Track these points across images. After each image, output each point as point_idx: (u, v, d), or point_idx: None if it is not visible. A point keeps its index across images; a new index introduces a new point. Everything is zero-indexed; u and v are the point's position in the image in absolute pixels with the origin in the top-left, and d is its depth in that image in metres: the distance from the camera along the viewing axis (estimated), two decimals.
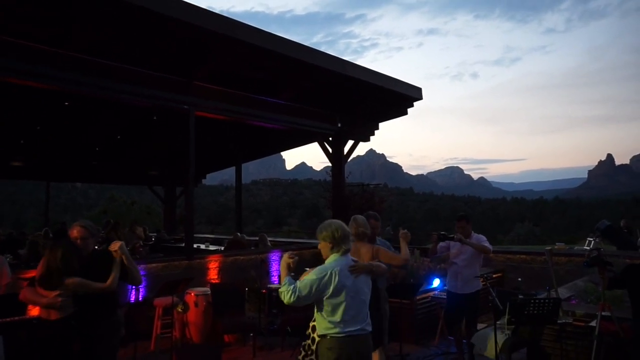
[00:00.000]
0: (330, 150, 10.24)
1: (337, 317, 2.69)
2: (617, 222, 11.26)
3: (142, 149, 12.76)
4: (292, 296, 2.65)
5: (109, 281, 3.13)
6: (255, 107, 8.39)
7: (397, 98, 9.72)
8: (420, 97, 10.10)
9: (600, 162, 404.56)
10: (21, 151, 12.13)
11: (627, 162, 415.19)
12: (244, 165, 13.24)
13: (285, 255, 2.81)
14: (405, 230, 4.09)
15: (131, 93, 6.77)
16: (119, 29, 5.99)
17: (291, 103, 9.00)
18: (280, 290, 2.73)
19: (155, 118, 10.03)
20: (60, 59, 6.05)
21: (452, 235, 4.63)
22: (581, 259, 6.89)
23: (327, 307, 2.71)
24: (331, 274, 2.70)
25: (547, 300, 3.94)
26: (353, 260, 2.88)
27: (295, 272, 2.86)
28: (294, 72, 8.00)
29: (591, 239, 11.49)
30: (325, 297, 2.69)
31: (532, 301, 3.94)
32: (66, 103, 8.69)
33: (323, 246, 2.87)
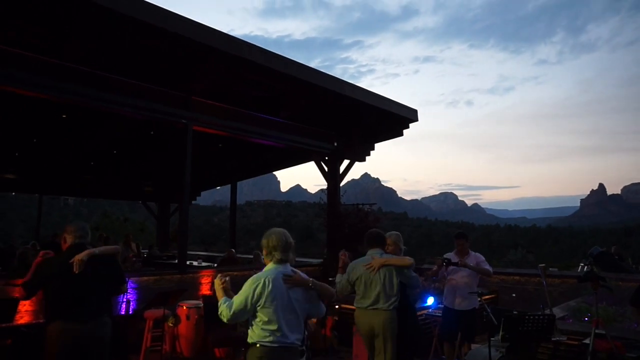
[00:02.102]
0: (326, 169, 10.30)
1: (273, 326, 2.63)
2: (609, 250, 11.41)
3: (137, 164, 12.74)
4: (229, 311, 2.62)
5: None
6: (253, 124, 8.46)
7: (393, 119, 9.86)
8: (416, 119, 10.25)
9: (592, 191, 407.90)
10: (15, 164, 12.08)
11: (619, 191, 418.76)
12: (238, 186, 13.24)
13: (217, 280, 2.82)
14: (342, 251, 4.06)
15: (130, 106, 6.82)
16: (119, 41, 6.08)
17: (289, 121, 9.09)
18: (219, 312, 2.69)
19: (152, 133, 10.07)
20: (59, 70, 6.09)
21: (455, 262, 4.69)
22: (574, 281, 6.92)
23: (262, 316, 2.64)
24: (264, 282, 2.66)
25: (542, 317, 3.93)
26: (292, 271, 2.81)
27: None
28: (293, 90, 8.13)
29: (583, 265, 11.53)
30: (259, 307, 2.64)
31: (527, 317, 3.93)
32: (64, 116, 8.71)
33: (264, 254, 2.87)
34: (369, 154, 10.93)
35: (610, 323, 4.26)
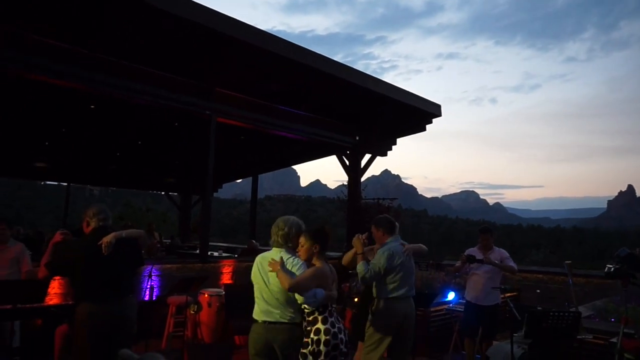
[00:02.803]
0: (347, 163, 10.28)
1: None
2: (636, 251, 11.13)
3: (161, 155, 12.96)
4: None
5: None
6: (276, 116, 8.50)
7: (416, 114, 9.77)
8: (439, 114, 10.12)
9: (621, 192, 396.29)
10: (45, 152, 12.43)
11: None
12: (258, 180, 13.30)
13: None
14: (359, 235, 3.69)
15: (156, 96, 6.93)
16: (146, 32, 6.17)
17: (312, 114, 9.09)
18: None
19: (176, 124, 10.22)
20: (88, 60, 6.22)
21: (480, 258, 4.63)
22: (600, 281, 6.77)
23: None
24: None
25: (567, 314, 3.86)
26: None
27: None
28: (317, 83, 8.12)
29: (610, 266, 11.24)
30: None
31: (552, 314, 3.86)
32: (92, 106, 8.91)
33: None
34: (390, 149, 10.87)
35: (639, 323, 4.15)
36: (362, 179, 10.38)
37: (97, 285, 3.07)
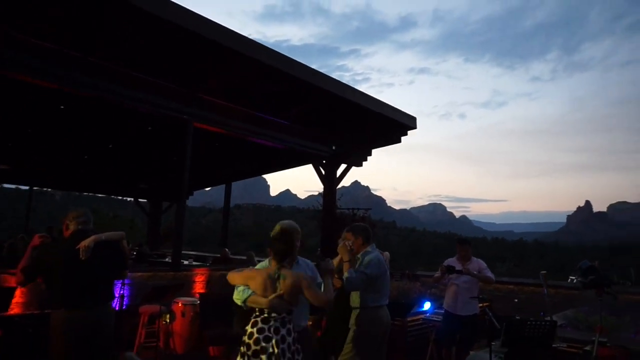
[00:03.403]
0: (323, 172, 10.30)
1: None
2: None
3: (132, 160, 12.63)
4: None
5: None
6: (254, 123, 8.44)
7: (392, 125, 9.88)
8: (414, 126, 10.29)
9: (579, 208, 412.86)
10: (8, 154, 11.90)
11: (605, 209, 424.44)
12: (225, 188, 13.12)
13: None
14: (328, 260, 3.28)
15: (132, 98, 6.77)
16: (128, 32, 6.02)
17: (290, 123, 9.08)
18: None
19: (150, 128, 9.99)
20: (60, 56, 6.01)
21: (459, 269, 4.68)
22: (567, 291, 6.98)
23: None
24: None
25: (543, 323, 3.94)
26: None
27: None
28: (296, 91, 8.11)
29: (573, 278, 11.66)
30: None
31: (529, 323, 3.94)
32: (62, 107, 8.61)
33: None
34: (366, 159, 10.95)
35: (611, 332, 4.28)
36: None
37: (74, 291, 2.93)
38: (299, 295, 2.74)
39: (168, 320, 5.27)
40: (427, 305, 5.97)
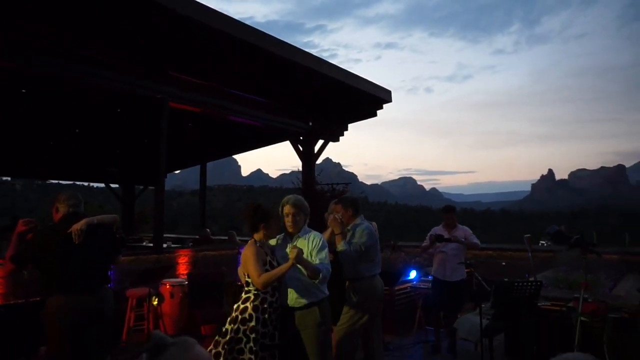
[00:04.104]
0: (301, 149, 10.25)
1: None
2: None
3: (101, 144, 12.18)
4: None
5: None
6: (230, 101, 8.26)
7: (369, 99, 9.88)
8: (390, 100, 10.32)
9: (542, 176, 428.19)
10: None
11: (566, 177, 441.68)
12: (196, 170, 12.88)
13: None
14: (334, 216, 3.61)
15: (103, 77, 6.47)
16: (91, 6, 5.70)
17: (266, 100, 8.94)
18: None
19: (119, 110, 9.64)
20: (21, 34, 5.66)
21: (447, 237, 4.80)
22: (545, 254, 7.29)
23: None
24: None
25: (530, 284, 4.11)
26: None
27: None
28: (273, 67, 7.96)
29: (543, 242, 12.19)
30: None
31: (516, 284, 4.10)
32: (23, 90, 8.17)
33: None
34: (342, 134, 10.95)
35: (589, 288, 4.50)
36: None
37: (70, 276, 2.84)
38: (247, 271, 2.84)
39: (156, 303, 5.21)
40: (412, 274, 6.13)
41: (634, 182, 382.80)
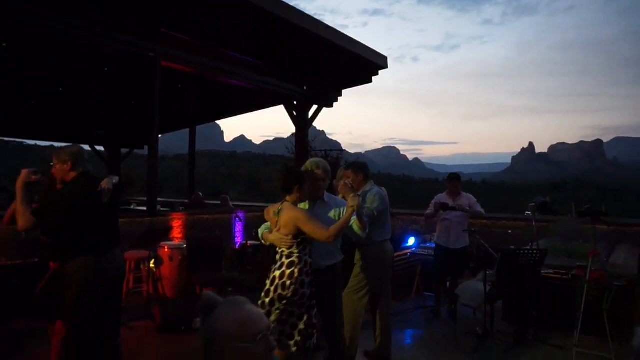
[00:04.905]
0: (295, 113, 10.06)
1: None
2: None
3: (87, 104, 11.76)
4: None
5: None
6: (225, 62, 7.97)
7: (364, 64, 9.66)
8: (385, 66, 10.12)
9: (523, 149, 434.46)
10: None
11: (546, 150, 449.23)
12: (178, 135, 12.60)
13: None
14: (356, 195, 3.05)
15: (91, 33, 6.14)
16: None
17: (261, 62, 8.67)
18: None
19: (106, 69, 9.25)
20: None
21: (453, 206, 4.79)
22: (539, 224, 7.38)
23: None
24: None
25: (535, 251, 4.15)
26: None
27: None
28: (269, 28, 7.67)
29: (529, 212, 12.39)
30: None
31: (521, 252, 4.13)
32: (4, 44, 7.73)
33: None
34: (336, 100, 10.77)
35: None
36: (287, 135, 10.25)
37: (97, 236, 2.79)
38: (298, 230, 2.73)
39: (155, 266, 5.14)
40: (411, 241, 6.16)
41: (611, 157, 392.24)
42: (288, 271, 2.70)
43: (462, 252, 4.95)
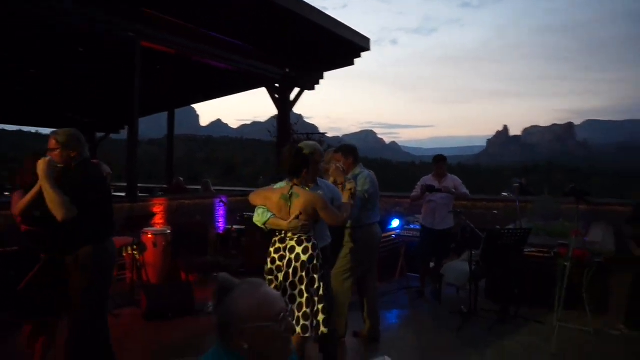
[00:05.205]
0: (277, 96, 9.94)
1: None
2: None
3: (60, 87, 11.34)
4: None
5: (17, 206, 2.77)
6: (207, 43, 7.78)
7: (347, 46, 9.58)
8: (368, 48, 10.05)
9: (498, 132, 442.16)
10: None
11: (520, 133, 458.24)
12: (153, 119, 12.29)
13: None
14: (350, 180, 3.18)
15: (68, 13, 5.89)
16: None
17: (243, 43, 8.50)
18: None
19: (81, 50, 8.92)
20: None
21: (439, 188, 4.84)
22: (502, 204, 7.59)
23: None
24: None
25: (519, 230, 4.25)
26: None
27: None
28: (250, 8, 7.50)
29: (506, 194, 12.70)
30: None
31: (506, 231, 4.23)
32: None
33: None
34: (318, 83, 10.68)
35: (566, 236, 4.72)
36: (265, 119, 10.16)
37: (110, 222, 2.83)
38: (315, 214, 2.70)
39: (138, 252, 5.05)
40: (395, 223, 6.22)
41: (581, 139, 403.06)
42: (304, 257, 2.68)
43: (447, 233, 5.04)
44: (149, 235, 5.27)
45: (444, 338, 4.01)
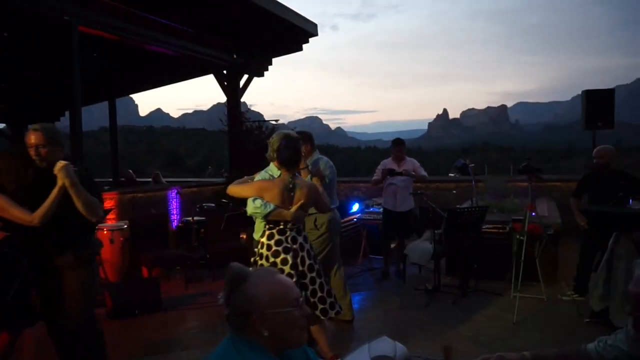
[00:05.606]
0: (226, 83, 9.70)
1: None
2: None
3: None
4: None
5: (36, 214, 2.36)
6: (149, 28, 7.40)
7: (295, 32, 9.50)
8: (316, 33, 10.04)
9: (438, 115, 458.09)
10: None
11: (458, 116, 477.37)
12: (87, 111, 11.59)
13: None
14: (317, 166, 3.52)
15: None
16: None
17: (188, 29, 8.17)
18: None
19: (6, 35, 8.20)
20: None
21: (399, 172, 4.95)
22: (467, 184, 7.92)
23: None
24: None
25: (477, 209, 4.45)
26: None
27: None
28: None
29: (452, 174, 13.28)
30: None
31: (465, 210, 4.41)
32: None
33: None
34: (267, 69, 10.54)
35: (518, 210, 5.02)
36: (209, 107, 9.96)
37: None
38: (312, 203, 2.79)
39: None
40: (355, 207, 6.31)
41: (514, 120, 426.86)
42: (307, 245, 2.80)
43: (408, 214, 5.19)
44: (104, 232, 5.01)
45: (415, 314, 4.16)
